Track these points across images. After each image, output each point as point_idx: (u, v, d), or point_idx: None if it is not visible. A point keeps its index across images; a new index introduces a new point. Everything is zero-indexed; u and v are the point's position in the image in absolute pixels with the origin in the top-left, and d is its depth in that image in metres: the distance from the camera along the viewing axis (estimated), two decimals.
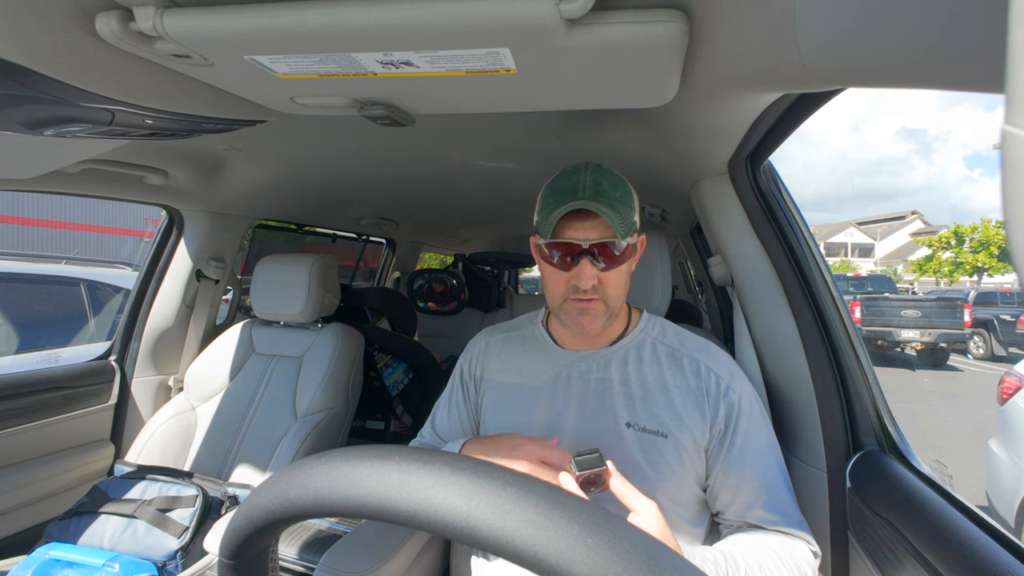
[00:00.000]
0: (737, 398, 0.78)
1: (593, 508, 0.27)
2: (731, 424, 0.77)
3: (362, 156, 1.36)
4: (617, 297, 0.79)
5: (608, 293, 0.78)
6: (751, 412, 0.78)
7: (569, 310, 0.79)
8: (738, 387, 0.80)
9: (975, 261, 21.95)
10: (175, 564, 1.17)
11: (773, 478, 0.76)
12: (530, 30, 0.50)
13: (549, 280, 0.81)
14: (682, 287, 3.40)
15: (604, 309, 0.79)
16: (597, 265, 0.76)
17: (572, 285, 0.77)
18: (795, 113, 0.79)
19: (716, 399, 0.78)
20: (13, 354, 2.77)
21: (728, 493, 0.76)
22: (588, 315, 0.78)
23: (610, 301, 0.78)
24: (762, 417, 0.80)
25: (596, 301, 0.77)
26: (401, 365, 2.20)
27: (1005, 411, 2.42)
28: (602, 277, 0.76)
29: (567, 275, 0.77)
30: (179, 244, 1.74)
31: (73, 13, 0.53)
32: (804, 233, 1.01)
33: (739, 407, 0.78)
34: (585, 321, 0.78)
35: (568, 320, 0.80)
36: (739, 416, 0.77)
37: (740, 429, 0.77)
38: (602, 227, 0.75)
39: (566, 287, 0.78)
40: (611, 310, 0.79)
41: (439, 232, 3.10)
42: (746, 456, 0.76)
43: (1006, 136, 0.18)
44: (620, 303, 0.81)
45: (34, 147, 0.90)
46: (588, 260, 0.75)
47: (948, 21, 0.33)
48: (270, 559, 0.37)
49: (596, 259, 0.75)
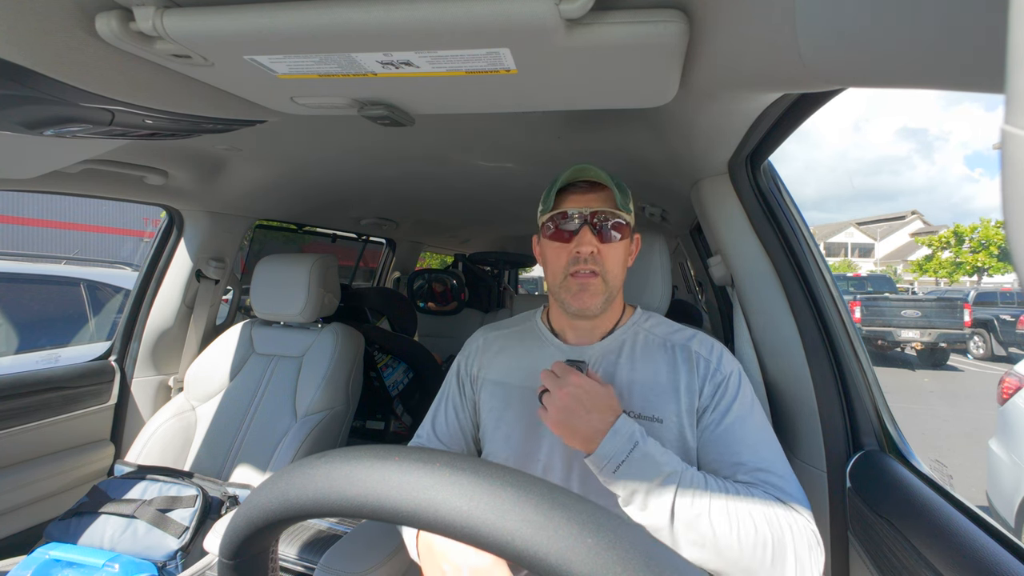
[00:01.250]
0: (724, 377, 0.79)
1: (593, 508, 0.27)
2: (715, 401, 0.78)
3: (362, 156, 1.36)
4: (615, 276, 0.82)
5: (607, 268, 0.80)
6: (736, 390, 0.79)
7: (570, 286, 0.81)
8: (725, 367, 0.81)
9: (975, 261, 21.95)
10: (175, 564, 1.17)
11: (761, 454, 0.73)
12: (530, 30, 0.50)
13: (551, 257, 0.84)
14: (682, 287, 3.40)
15: (603, 287, 0.80)
16: (597, 235, 0.80)
17: (573, 256, 0.80)
18: (795, 113, 0.79)
19: (703, 378, 0.80)
20: (13, 354, 2.77)
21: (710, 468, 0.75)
22: (588, 291, 0.80)
23: (608, 278, 0.81)
24: (749, 396, 0.80)
25: (596, 277, 0.80)
26: (401, 365, 2.20)
27: (1005, 411, 2.42)
28: (601, 249, 0.79)
29: (568, 247, 0.80)
30: (179, 244, 1.74)
31: (73, 13, 0.53)
32: (804, 233, 1.01)
33: (725, 385, 0.79)
34: (586, 297, 0.80)
35: (568, 297, 0.81)
36: (724, 393, 0.78)
37: (722, 405, 0.77)
38: (602, 199, 0.81)
39: (567, 260, 0.81)
40: (610, 289, 0.81)
41: (439, 232, 3.10)
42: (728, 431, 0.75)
43: (1006, 136, 0.18)
44: (618, 284, 0.83)
45: (34, 147, 0.90)
46: (588, 228, 0.79)
47: (948, 21, 0.33)
48: (270, 559, 0.37)
49: (596, 230, 0.80)
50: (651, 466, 0.66)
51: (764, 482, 0.70)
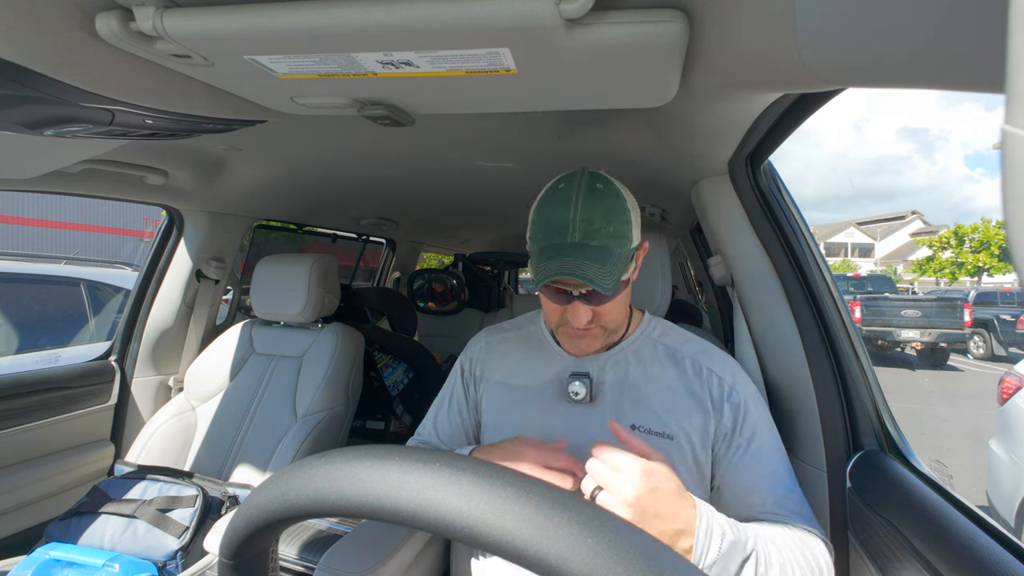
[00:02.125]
0: (742, 399, 0.78)
1: (593, 508, 0.27)
2: (737, 426, 0.77)
3: (362, 156, 1.36)
4: (615, 321, 0.80)
5: (605, 321, 0.78)
6: (757, 414, 0.78)
7: (565, 334, 0.81)
8: (742, 388, 0.79)
9: (976, 261, 21.95)
10: (175, 564, 1.17)
11: (782, 479, 0.75)
12: (530, 30, 0.50)
13: (545, 306, 0.81)
14: (682, 287, 3.39)
15: (602, 334, 0.80)
16: (590, 305, 0.74)
17: (567, 318, 0.77)
18: (795, 113, 0.79)
19: (720, 401, 0.78)
20: (13, 354, 2.77)
21: (737, 494, 0.76)
22: (586, 340, 0.79)
23: (608, 326, 0.79)
24: (767, 418, 0.80)
25: (593, 329, 0.78)
26: (401, 365, 2.20)
27: (1005, 411, 2.42)
28: (597, 311, 0.76)
29: (561, 309, 0.77)
30: (179, 244, 1.74)
31: (73, 13, 0.53)
32: (804, 233, 1.01)
33: (744, 409, 0.77)
34: (583, 345, 0.80)
35: (565, 343, 0.82)
36: (745, 418, 0.77)
37: (746, 431, 0.76)
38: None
39: (560, 318, 0.78)
40: (609, 332, 0.81)
41: (439, 232, 3.10)
42: (754, 458, 0.75)
43: (1006, 136, 0.18)
44: (619, 324, 0.81)
45: (34, 147, 0.90)
46: (580, 303, 0.74)
47: (948, 21, 0.33)
48: (270, 559, 0.37)
49: (589, 300, 0.74)
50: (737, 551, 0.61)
51: (793, 512, 0.73)
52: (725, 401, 0.78)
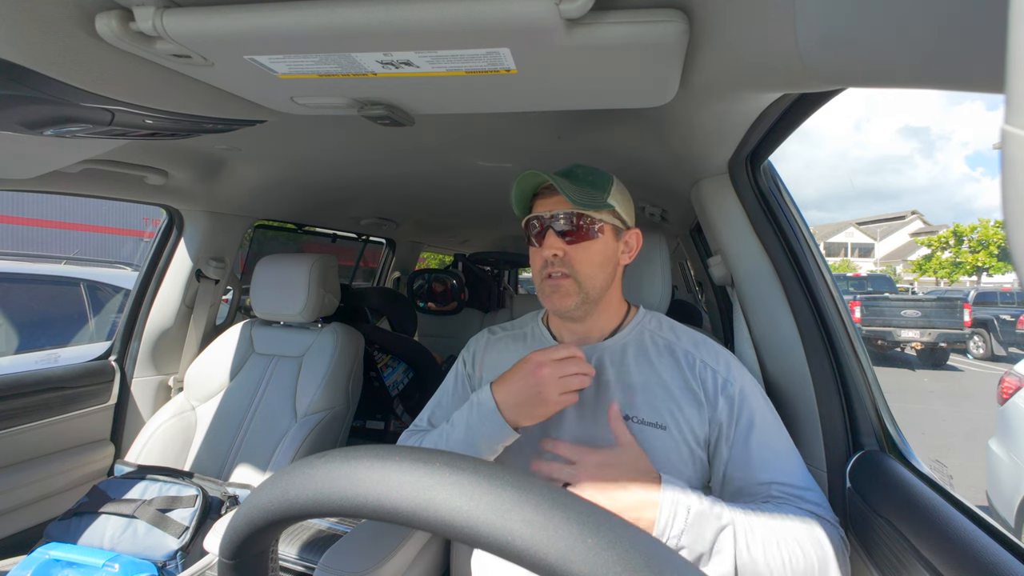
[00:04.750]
0: (737, 390, 0.78)
1: (594, 508, 0.27)
2: (734, 417, 0.77)
3: (362, 156, 1.36)
4: (589, 276, 0.81)
5: (577, 270, 0.80)
6: (754, 403, 0.78)
7: (544, 288, 0.82)
8: (736, 379, 0.80)
9: (975, 261, 21.96)
10: (175, 564, 1.17)
11: (785, 464, 0.75)
12: (530, 30, 0.50)
13: (531, 260, 0.86)
14: (682, 287, 3.40)
15: (576, 288, 0.80)
16: (562, 237, 0.80)
17: (544, 260, 0.81)
18: (795, 113, 0.78)
19: (714, 393, 0.78)
20: (13, 354, 2.77)
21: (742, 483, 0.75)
22: (559, 292, 0.80)
23: (581, 279, 0.80)
24: (765, 406, 0.79)
25: (567, 279, 0.80)
26: (401, 365, 2.20)
27: (1005, 411, 2.42)
28: (568, 251, 0.80)
29: (540, 251, 0.82)
30: (179, 244, 1.74)
31: (73, 13, 0.53)
32: (804, 233, 1.01)
33: (740, 398, 0.78)
34: (557, 299, 0.81)
35: (544, 299, 0.84)
36: (741, 408, 0.77)
37: (743, 421, 0.76)
38: (566, 202, 0.79)
39: (541, 263, 0.82)
40: (584, 291, 0.81)
41: (439, 232, 3.10)
42: (754, 445, 0.75)
43: (1006, 136, 0.18)
44: (595, 285, 0.82)
45: (34, 147, 0.90)
46: (552, 232, 0.80)
47: (948, 21, 0.33)
48: (270, 559, 0.37)
49: (561, 234, 0.80)
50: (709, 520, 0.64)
51: (797, 497, 0.72)
52: (720, 393, 0.78)
